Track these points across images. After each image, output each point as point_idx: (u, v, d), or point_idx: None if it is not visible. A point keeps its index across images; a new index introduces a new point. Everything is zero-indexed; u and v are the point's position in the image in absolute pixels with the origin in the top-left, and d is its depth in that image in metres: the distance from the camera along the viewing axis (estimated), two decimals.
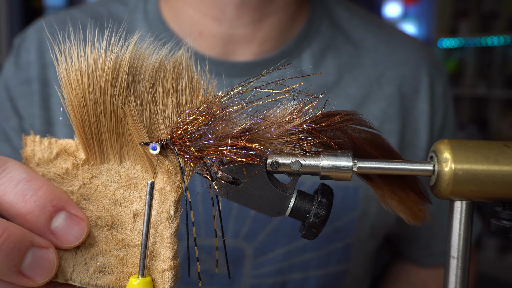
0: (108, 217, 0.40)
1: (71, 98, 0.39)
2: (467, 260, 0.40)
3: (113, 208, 0.40)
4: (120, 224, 0.40)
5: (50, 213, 0.37)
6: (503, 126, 4.11)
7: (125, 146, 0.40)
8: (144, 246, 0.38)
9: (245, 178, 0.39)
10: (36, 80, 0.75)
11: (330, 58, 0.78)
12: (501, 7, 4.04)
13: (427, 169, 0.39)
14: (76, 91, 0.38)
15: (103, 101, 0.39)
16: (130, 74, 0.39)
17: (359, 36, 0.81)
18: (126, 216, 0.40)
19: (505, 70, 4.14)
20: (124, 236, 0.40)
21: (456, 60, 4.45)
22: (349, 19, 0.82)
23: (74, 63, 0.38)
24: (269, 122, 0.38)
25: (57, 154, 0.41)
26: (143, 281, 0.37)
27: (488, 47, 4.20)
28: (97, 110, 0.39)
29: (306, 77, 0.74)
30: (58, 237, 0.37)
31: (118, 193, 0.40)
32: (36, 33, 0.78)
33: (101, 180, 0.41)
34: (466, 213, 0.39)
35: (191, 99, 0.40)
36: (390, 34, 0.83)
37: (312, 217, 0.38)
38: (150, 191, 0.38)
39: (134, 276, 0.38)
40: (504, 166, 0.37)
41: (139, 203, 0.40)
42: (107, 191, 0.40)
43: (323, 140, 0.39)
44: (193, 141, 0.39)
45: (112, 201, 0.40)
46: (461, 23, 4.28)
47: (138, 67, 0.40)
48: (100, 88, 0.38)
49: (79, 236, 0.38)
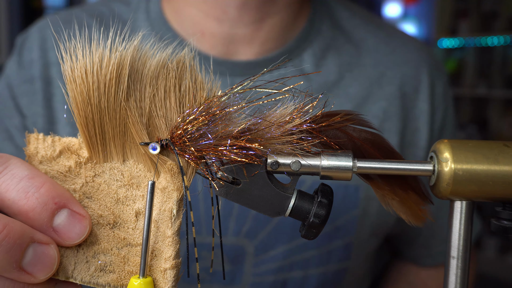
0: (110, 216, 0.40)
1: (75, 95, 0.39)
2: (467, 260, 0.40)
3: (116, 206, 0.40)
4: (122, 223, 0.40)
5: (52, 210, 0.37)
6: (503, 126, 4.11)
7: (128, 144, 0.40)
8: (144, 246, 0.38)
9: (245, 178, 0.39)
10: (39, 78, 0.75)
11: (331, 58, 0.78)
12: (501, 7, 4.04)
13: (427, 169, 0.39)
14: (80, 89, 0.38)
15: (107, 99, 0.39)
16: (133, 73, 0.39)
17: (360, 36, 0.81)
18: (128, 215, 0.40)
19: (505, 70, 4.14)
20: (126, 234, 0.40)
21: (456, 60, 4.45)
22: (350, 19, 0.83)
23: (79, 61, 0.38)
24: (269, 122, 0.38)
25: (60, 152, 0.41)
26: (144, 281, 0.37)
27: (488, 47, 4.20)
28: (101, 108, 0.39)
29: (307, 75, 0.74)
30: (60, 235, 0.37)
31: (120, 191, 0.40)
32: (39, 32, 0.78)
33: (104, 178, 0.41)
34: (466, 213, 0.39)
35: (194, 100, 0.40)
36: (390, 34, 0.84)
37: (312, 217, 0.38)
38: (151, 191, 0.38)
39: (135, 276, 0.38)
40: (504, 166, 0.37)
41: (142, 202, 0.40)
42: (109, 189, 0.40)
43: (323, 140, 0.39)
44: (193, 141, 0.39)
45: (115, 200, 0.40)
46: (461, 23, 4.28)
47: (141, 66, 0.40)
48: (105, 86, 0.38)
49: (81, 234, 0.38)
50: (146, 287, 0.37)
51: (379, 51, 0.80)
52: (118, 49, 0.39)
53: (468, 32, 4.23)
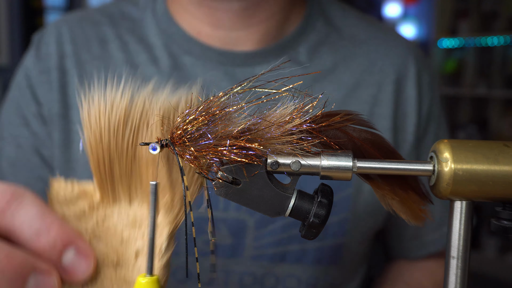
0: (114, 256, 0.41)
1: (90, 136, 0.41)
2: (467, 260, 0.40)
3: (120, 247, 0.42)
4: (123, 262, 0.41)
5: (61, 250, 0.38)
6: (503, 126, 4.11)
7: (134, 185, 0.42)
8: (151, 246, 0.38)
9: (245, 178, 0.39)
10: (55, 69, 0.81)
11: (325, 50, 0.83)
12: (501, 7, 4.04)
13: (427, 169, 0.39)
14: (94, 130, 0.41)
15: (115, 141, 0.41)
16: (139, 117, 0.42)
17: (351, 32, 0.87)
18: (130, 254, 0.41)
19: (505, 70, 4.14)
20: (126, 273, 0.41)
21: (456, 60, 4.45)
22: (342, 18, 0.88)
23: (94, 105, 0.41)
24: (269, 122, 0.38)
25: (78, 195, 0.43)
26: (150, 279, 0.38)
27: (488, 47, 4.20)
28: (111, 149, 0.41)
29: (302, 67, 0.79)
30: (67, 272, 0.38)
31: (125, 233, 0.42)
32: (55, 28, 0.84)
33: (112, 220, 0.42)
34: (466, 213, 0.39)
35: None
36: (380, 29, 0.90)
37: (312, 217, 0.39)
38: (154, 192, 0.38)
39: (141, 274, 0.39)
40: (504, 166, 0.37)
41: (141, 241, 0.41)
42: (116, 230, 0.42)
43: (323, 140, 0.39)
44: (193, 141, 0.39)
45: (119, 241, 0.42)
46: (461, 23, 4.28)
47: (147, 112, 0.42)
48: (114, 128, 0.41)
49: (86, 271, 0.39)
50: (152, 285, 0.38)
51: (370, 43, 0.86)
52: (128, 93, 0.41)
53: (468, 32, 4.23)
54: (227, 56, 0.78)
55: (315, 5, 0.87)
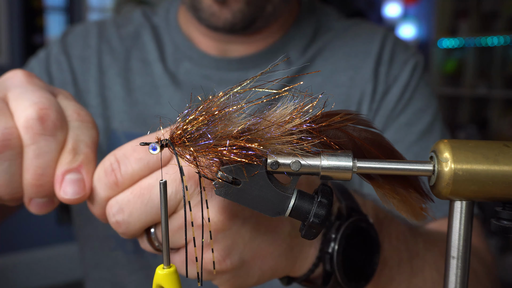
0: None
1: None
2: (467, 260, 0.39)
3: None
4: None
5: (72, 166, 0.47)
6: (503, 126, 4.11)
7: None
8: (165, 238, 0.39)
9: (245, 178, 0.39)
10: (77, 57, 0.93)
11: (313, 48, 0.92)
12: (501, 7, 4.04)
13: (427, 169, 0.39)
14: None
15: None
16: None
17: (333, 26, 0.96)
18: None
19: (505, 70, 4.14)
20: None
21: (456, 60, 4.45)
22: (328, 18, 0.97)
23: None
24: (269, 122, 0.38)
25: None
26: (168, 271, 0.40)
27: (488, 47, 4.20)
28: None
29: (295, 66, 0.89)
30: (59, 185, 0.46)
31: None
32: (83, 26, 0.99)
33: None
34: (466, 213, 0.39)
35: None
36: (358, 24, 0.98)
37: (312, 217, 0.38)
38: (164, 190, 0.39)
39: (159, 266, 0.40)
40: (504, 166, 0.37)
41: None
42: None
43: (323, 140, 0.39)
44: (193, 141, 0.39)
45: None
46: (461, 23, 4.29)
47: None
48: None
49: (71, 198, 0.45)
50: (171, 275, 0.40)
51: (347, 35, 0.94)
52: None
53: (468, 32, 4.23)
54: (223, 62, 0.89)
55: (305, 10, 0.95)
